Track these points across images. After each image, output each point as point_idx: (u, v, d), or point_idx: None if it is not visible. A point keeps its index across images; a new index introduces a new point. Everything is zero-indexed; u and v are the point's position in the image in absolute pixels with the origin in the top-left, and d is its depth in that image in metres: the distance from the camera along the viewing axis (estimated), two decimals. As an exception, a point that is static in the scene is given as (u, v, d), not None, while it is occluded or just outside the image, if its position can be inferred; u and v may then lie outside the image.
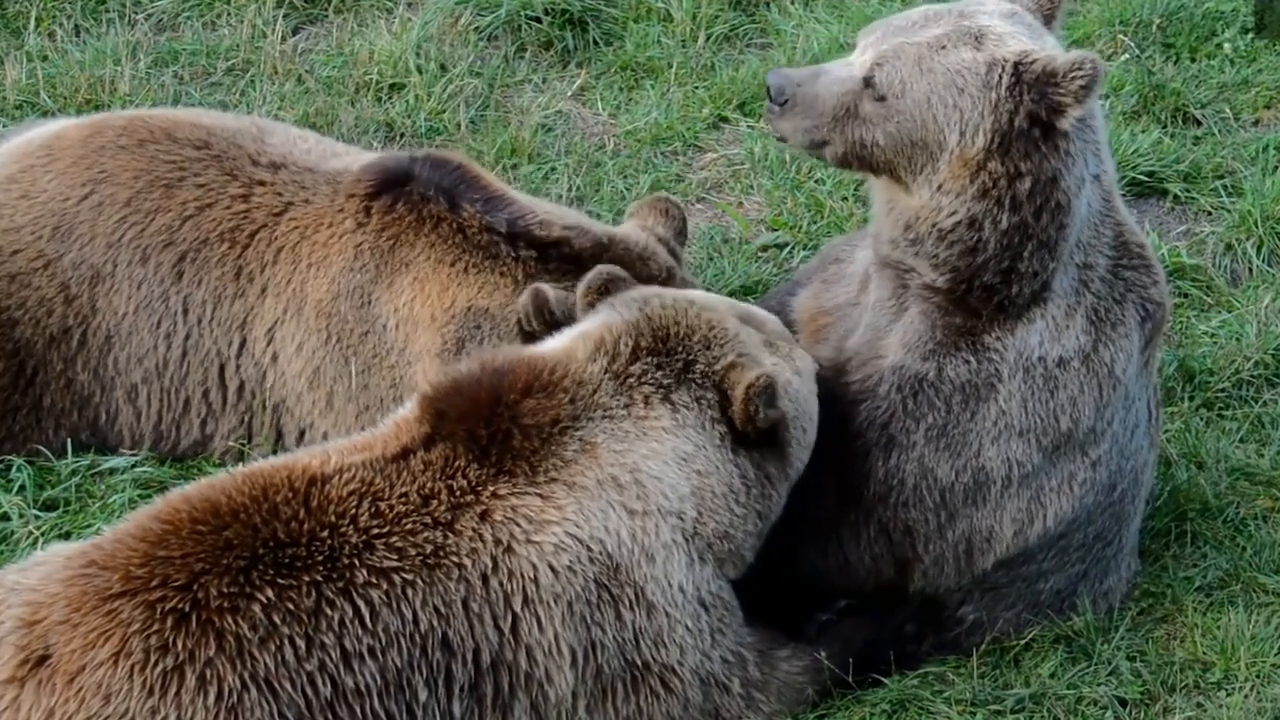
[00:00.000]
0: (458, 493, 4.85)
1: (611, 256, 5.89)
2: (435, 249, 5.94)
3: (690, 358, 5.12)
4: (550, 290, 5.66)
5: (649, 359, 5.11)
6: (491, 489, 4.88)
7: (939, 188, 5.20)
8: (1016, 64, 5.08)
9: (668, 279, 5.94)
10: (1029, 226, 5.19)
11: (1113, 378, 5.37)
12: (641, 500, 4.97)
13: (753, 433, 5.09)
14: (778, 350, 5.29)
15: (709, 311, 5.23)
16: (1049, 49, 5.16)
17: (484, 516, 4.84)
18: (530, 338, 5.67)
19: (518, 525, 4.84)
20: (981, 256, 5.24)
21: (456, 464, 4.89)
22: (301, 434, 6.09)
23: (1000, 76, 5.09)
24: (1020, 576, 5.54)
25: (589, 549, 4.89)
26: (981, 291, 5.29)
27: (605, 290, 5.32)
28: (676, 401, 5.08)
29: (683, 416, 5.08)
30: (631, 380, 5.07)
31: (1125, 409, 5.45)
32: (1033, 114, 5.08)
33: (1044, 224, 5.19)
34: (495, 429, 4.93)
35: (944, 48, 5.16)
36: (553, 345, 5.21)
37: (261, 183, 6.11)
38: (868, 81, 5.22)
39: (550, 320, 5.61)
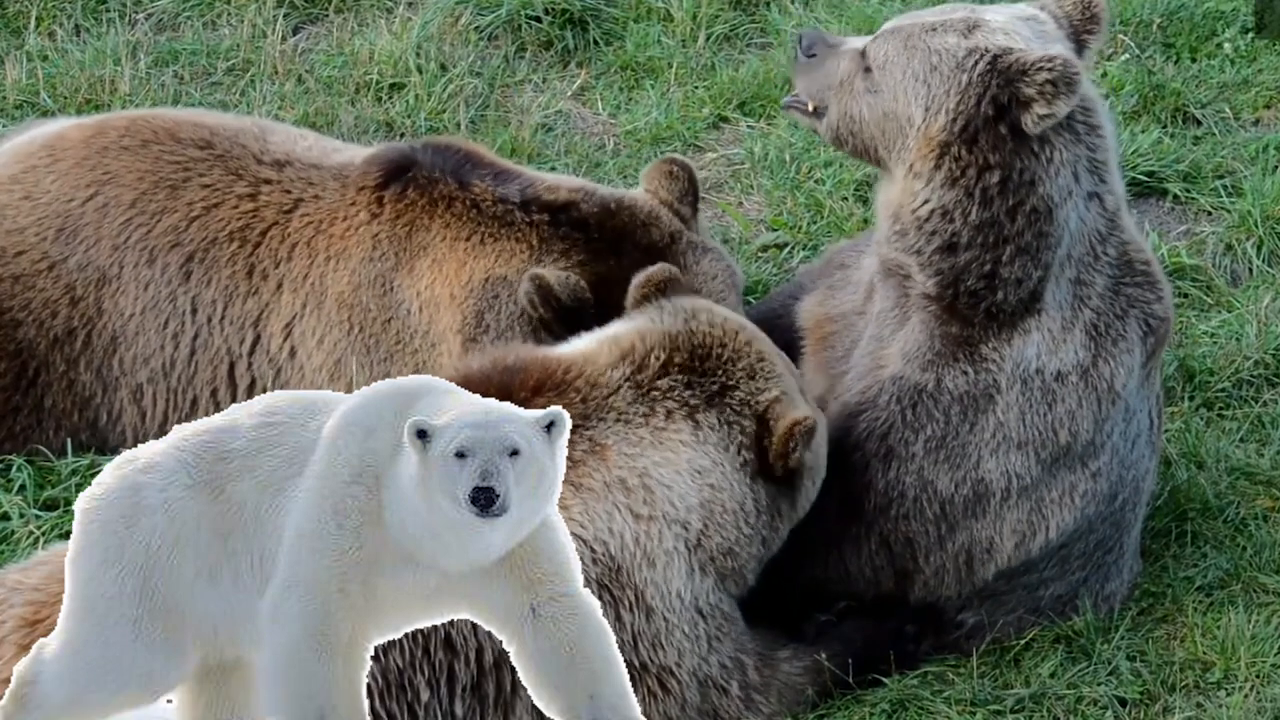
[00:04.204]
0: (461, 491, 4.83)
1: (617, 223, 5.91)
2: (450, 228, 5.94)
3: (730, 383, 5.11)
4: (550, 274, 5.66)
5: (679, 375, 5.09)
6: (496, 488, 4.86)
7: (911, 168, 5.24)
8: (996, 55, 5.10)
9: (672, 243, 5.93)
10: (1003, 227, 5.19)
11: (1112, 392, 5.37)
12: (648, 505, 4.96)
13: (781, 469, 5.09)
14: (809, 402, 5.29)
15: (759, 343, 5.21)
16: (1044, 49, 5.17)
17: (488, 515, 4.82)
18: (544, 325, 5.68)
19: (522, 525, 4.83)
20: (962, 257, 5.25)
21: (461, 462, 4.87)
22: None
23: (976, 63, 5.11)
24: (1021, 584, 5.53)
25: (593, 550, 4.88)
26: (968, 297, 5.29)
27: (663, 289, 5.29)
28: (701, 421, 5.06)
29: (705, 435, 5.06)
30: (656, 394, 5.06)
31: (1126, 421, 5.44)
32: (997, 101, 5.09)
33: (1019, 227, 5.19)
34: None
35: (934, 31, 5.21)
36: (573, 346, 5.19)
37: (268, 181, 6.12)
38: (863, 54, 5.32)
39: (559, 306, 5.61)
